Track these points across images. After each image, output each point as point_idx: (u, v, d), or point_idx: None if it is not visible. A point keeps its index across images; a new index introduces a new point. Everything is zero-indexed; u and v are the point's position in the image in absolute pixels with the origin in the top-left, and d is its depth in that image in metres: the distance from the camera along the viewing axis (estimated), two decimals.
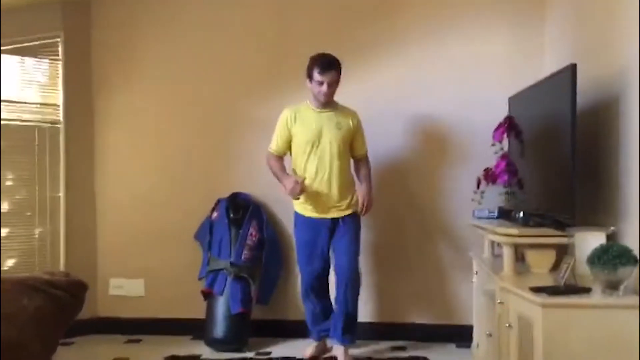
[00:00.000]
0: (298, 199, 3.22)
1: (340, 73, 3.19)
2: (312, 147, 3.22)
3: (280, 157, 3.35)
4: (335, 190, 3.24)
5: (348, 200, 3.29)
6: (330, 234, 3.30)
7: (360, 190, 3.32)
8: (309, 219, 3.30)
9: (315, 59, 3.16)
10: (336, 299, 3.33)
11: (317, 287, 3.37)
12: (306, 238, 3.33)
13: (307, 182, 3.22)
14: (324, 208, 3.26)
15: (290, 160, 3.36)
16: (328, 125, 3.22)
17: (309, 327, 3.46)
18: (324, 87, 3.14)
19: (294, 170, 3.31)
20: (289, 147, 3.33)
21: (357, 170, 3.41)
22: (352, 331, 3.33)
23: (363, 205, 3.28)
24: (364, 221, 3.40)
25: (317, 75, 3.13)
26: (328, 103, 3.25)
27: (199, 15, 3.90)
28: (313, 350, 3.41)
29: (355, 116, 3.32)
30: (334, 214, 3.28)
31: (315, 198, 3.25)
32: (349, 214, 3.30)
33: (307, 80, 3.20)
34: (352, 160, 3.39)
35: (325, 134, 3.21)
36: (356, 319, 3.35)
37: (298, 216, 3.36)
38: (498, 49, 3.62)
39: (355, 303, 3.32)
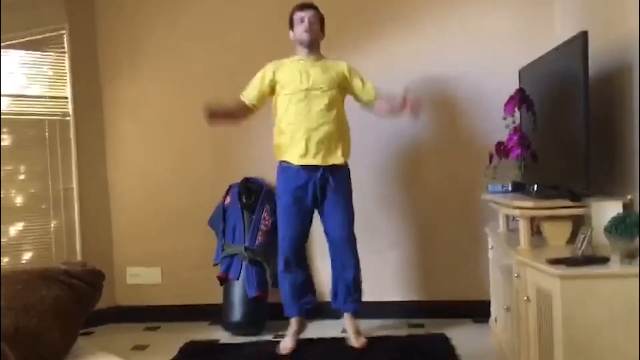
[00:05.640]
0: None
1: (321, 17, 3.12)
2: (299, 90, 3.04)
3: (245, 107, 3.14)
4: (325, 127, 3.02)
5: (341, 146, 3.09)
6: (315, 193, 3.08)
7: (394, 102, 3.01)
8: (296, 169, 3.07)
9: (293, 7, 3.13)
10: (333, 267, 3.21)
11: (299, 253, 3.20)
12: (293, 194, 3.09)
13: (293, 123, 3.04)
14: (312, 146, 3.03)
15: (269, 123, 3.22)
16: (314, 69, 3.08)
17: (287, 303, 3.24)
18: (306, 22, 3.05)
19: (279, 122, 3.12)
20: (263, 101, 3.17)
21: (378, 110, 3.18)
22: (356, 297, 3.21)
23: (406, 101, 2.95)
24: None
25: (297, 14, 3.08)
26: (315, 50, 3.13)
27: (206, 1, 3.86)
28: (292, 341, 3.20)
29: (345, 63, 3.17)
30: (325, 159, 3.05)
31: (303, 133, 3.02)
32: (340, 167, 3.12)
33: (290, 33, 3.15)
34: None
35: (312, 76, 3.05)
36: (360, 284, 3.22)
37: (283, 168, 3.14)
38: (507, 19, 3.57)
39: (357, 267, 3.18)
